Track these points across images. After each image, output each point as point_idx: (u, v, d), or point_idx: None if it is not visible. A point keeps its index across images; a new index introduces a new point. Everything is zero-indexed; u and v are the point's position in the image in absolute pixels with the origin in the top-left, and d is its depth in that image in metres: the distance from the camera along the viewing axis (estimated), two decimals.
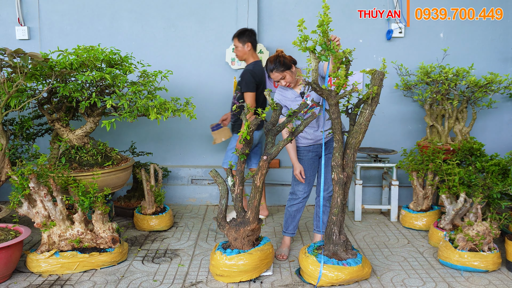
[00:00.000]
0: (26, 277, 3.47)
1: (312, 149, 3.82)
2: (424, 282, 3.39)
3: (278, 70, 3.53)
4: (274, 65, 3.54)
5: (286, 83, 3.61)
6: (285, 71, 3.54)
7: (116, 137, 5.62)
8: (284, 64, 3.52)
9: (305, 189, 3.88)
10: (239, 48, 4.69)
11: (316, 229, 4.01)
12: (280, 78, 3.58)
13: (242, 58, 4.77)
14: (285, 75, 3.56)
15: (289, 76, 3.57)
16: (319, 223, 3.96)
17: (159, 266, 3.70)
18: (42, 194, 3.44)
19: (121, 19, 5.52)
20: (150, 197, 4.61)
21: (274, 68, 3.53)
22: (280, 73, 3.54)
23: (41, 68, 3.61)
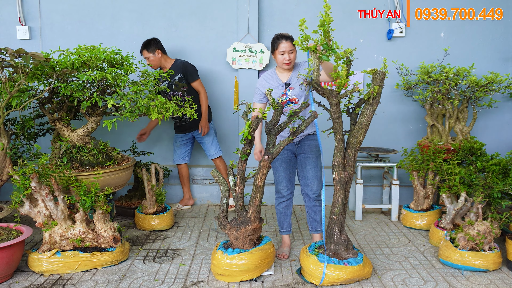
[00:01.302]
0: (27, 276, 3.47)
1: (287, 147, 3.86)
2: (425, 282, 3.40)
3: (291, 42, 3.58)
4: (288, 36, 3.61)
5: (290, 59, 3.64)
6: (294, 48, 3.61)
7: (117, 136, 5.62)
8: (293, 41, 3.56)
9: (287, 186, 3.91)
10: (151, 58, 4.93)
11: (312, 229, 3.99)
12: (289, 50, 3.62)
13: (158, 65, 5.03)
14: (294, 50, 3.63)
15: (295, 54, 3.64)
16: (313, 223, 3.95)
17: (160, 265, 3.71)
18: (43, 194, 3.45)
19: (122, 19, 5.53)
20: (151, 196, 4.61)
21: (289, 38, 3.60)
22: (292, 46, 3.59)
23: (42, 68, 3.61)
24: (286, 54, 3.62)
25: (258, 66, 5.41)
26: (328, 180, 5.54)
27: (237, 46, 5.39)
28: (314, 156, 3.83)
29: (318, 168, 3.85)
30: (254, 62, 5.39)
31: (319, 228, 3.94)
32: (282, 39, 3.62)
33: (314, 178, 3.83)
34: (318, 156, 3.86)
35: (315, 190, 3.84)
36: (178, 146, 5.32)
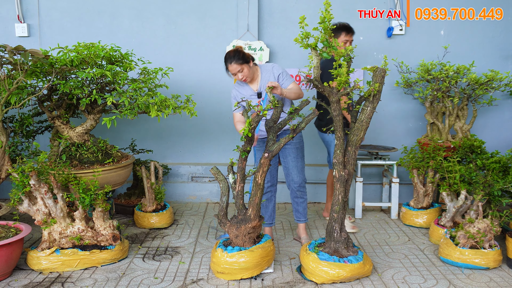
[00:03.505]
0: (26, 274, 3.46)
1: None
2: (425, 279, 3.39)
3: (237, 62, 3.57)
4: (233, 56, 3.58)
5: (243, 77, 3.64)
6: (244, 64, 3.58)
7: (116, 134, 5.61)
8: (243, 57, 3.57)
9: (267, 179, 3.96)
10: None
11: (295, 219, 4.19)
12: (238, 70, 3.62)
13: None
14: (243, 68, 3.60)
15: (247, 70, 3.61)
16: (296, 213, 4.16)
17: (159, 263, 3.70)
18: (42, 192, 3.43)
19: (121, 16, 5.51)
20: (151, 194, 4.60)
21: (234, 59, 3.58)
22: (239, 65, 3.58)
23: (41, 65, 3.60)
24: (238, 74, 3.66)
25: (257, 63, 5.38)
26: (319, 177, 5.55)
27: (237, 44, 5.37)
28: (294, 147, 3.89)
29: (299, 158, 3.92)
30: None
31: (302, 219, 4.15)
32: (228, 61, 3.64)
33: (294, 168, 3.92)
34: (299, 148, 3.91)
35: (296, 181, 3.96)
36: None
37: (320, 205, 5.48)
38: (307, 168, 5.26)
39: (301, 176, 3.97)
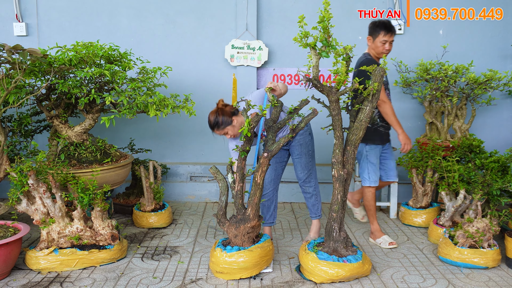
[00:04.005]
0: (25, 274, 3.45)
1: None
2: (424, 279, 3.39)
3: (219, 128, 3.56)
4: (214, 122, 3.55)
5: (231, 136, 3.63)
6: (226, 127, 3.55)
7: (115, 134, 5.60)
8: (224, 122, 3.51)
9: (271, 177, 4.00)
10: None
11: (310, 215, 4.20)
12: (223, 134, 3.62)
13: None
14: (227, 130, 3.57)
15: (231, 130, 3.57)
16: (309, 209, 4.18)
17: (158, 263, 3.69)
18: (41, 191, 3.42)
19: (119, 16, 5.50)
20: (149, 194, 4.59)
21: (215, 126, 3.56)
22: (222, 129, 3.56)
23: (39, 64, 3.59)
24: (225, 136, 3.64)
25: (256, 63, 5.39)
26: (325, 177, 5.54)
27: (236, 43, 5.37)
28: (298, 144, 3.90)
29: (302, 155, 3.92)
30: (253, 59, 5.37)
31: (312, 215, 4.17)
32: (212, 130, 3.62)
33: (298, 164, 3.98)
34: (303, 144, 3.90)
35: (300, 177, 4.02)
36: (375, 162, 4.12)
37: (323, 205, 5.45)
38: None
39: (305, 172, 3.96)
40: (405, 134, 3.92)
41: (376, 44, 3.91)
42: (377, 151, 4.09)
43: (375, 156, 4.08)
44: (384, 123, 4.02)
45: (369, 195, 4.16)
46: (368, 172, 4.08)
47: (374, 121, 3.96)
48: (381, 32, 3.88)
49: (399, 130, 3.90)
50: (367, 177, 4.09)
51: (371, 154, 4.06)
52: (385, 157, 4.19)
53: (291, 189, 5.59)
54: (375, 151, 4.07)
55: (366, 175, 4.09)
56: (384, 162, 4.21)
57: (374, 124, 3.98)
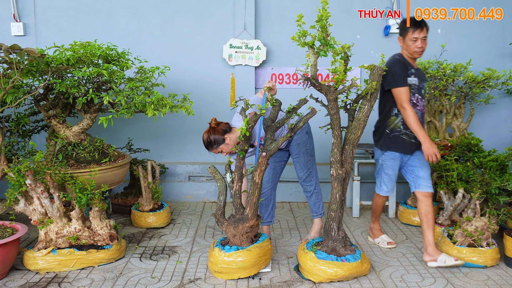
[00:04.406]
0: (23, 274, 3.44)
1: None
2: (423, 278, 3.39)
3: (212, 148, 3.59)
4: (207, 143, 3.58)
5: (226, 153, 3.65)
6: (220, 146, 3.57)
7: (113, 134, 5.59)
8: (216, 141, 3.54)
9: (269, 176, 4.02)
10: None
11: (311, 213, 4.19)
12: (218, 152, 3.64)
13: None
14: (221, 149, 3.60)
15: (225, 148, 3.59)
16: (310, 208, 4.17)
17: (157, 263, 3.68)
18: (39, 191, 3.41)
19: (117, 15, 5.49)
20: (148, 194, 4.58)
21: (209, 146, 3.59)
22: (215, 148, 3.59)
23: (37, 64, 3.58)
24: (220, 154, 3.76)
25: (254, 62, 5.38)
26: (324, 176, 5.54)
27: (234, 43, 5.36)
28: (295, 144, 3.92)
29: (300, 154, 3.93)
30: (251, 59, 5.37)
31: (313, 214, 4.15)
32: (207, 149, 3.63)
33: (297, 164, 3.99)
34: (300, 143, 3.91)
35: (300, 176, 4.03)
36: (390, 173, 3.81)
37: None
38: None
39: (304, 171, 3.97)
40: (429, 143, 3.45)
41: (406, 43, 3.60)
42: (396, 161, 3.71)
43: (391, 167, 3.74)
44: (408, 131, 3.63)
45: (378, 200, 4.03)
46: (381, 181, 3.84)
47: (395, 127, 3.63)
48: (410, 29, 3.57)
49: (422, 138, 3.47)
50: (379, 185, 3.89)
51: (387, 164, 3.74)
52: (413, 165, 3.70)
53: (289, 188, 5.58)
54: (392, 161, 3.71)
55: (379, 183, 3.88)
56: (412, 170, 3.71)
57: (394, 130, 3.64)
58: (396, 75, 3.50)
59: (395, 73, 3.50)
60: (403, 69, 3.52)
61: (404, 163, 3.75)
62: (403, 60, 3.59)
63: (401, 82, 3.49)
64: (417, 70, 3.66)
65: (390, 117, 3.65)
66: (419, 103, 3.64)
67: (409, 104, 3.49)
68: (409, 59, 3.64)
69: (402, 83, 3.49)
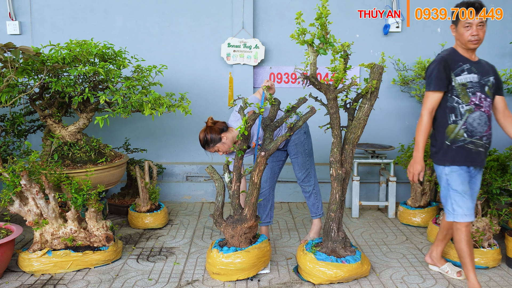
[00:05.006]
0: (18, 276, 3.39)
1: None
2: (424, 279, 3.35)
3: (209, 146, 3.59)
4: (204, 142, 3.58)
5: (223, 153, 3.65)
6: (216, 145, 3.58)
7: (110, 133, 5.53)
8: (213, 140, 3.55)
9: (267, 176, 3.99)
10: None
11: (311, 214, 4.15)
12: (214, 151, 3.64)
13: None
14: (217, 148, 3.60)
15: (222, 147, 3.60)
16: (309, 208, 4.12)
17: (154, 264, 3.63)
18: (34, 192, 3.36)
19: (114, 14, 5.44)
20: (145, 194, 4.53)
21: (206, 145, 3.60)
22: (212, 147, 3.59)
23: (32, 63, 3.52)
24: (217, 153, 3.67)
25: (253, 61, 5.33)
26: (323, 176, 5.50)
27: (232, 42, 5.31)
28: (293, 144, 3.89)
29: (298, 154, 3.91)
30: (249, 58, 5.32)
31: (312, 214, 4.11)
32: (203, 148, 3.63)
33: (295, 164, 3.96)
34: (298, 143, 3.88)
35: (299, 176, 3.99)
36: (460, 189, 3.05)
37: None
38: None
39: (303, 171, 3.95)
40: (414, 161, 3.13)
41: (459, 32, 3.11)
42: (463, 174, 3.04)
43: (460, 181, 3.03)
44: (474, 138, 3.01)
45: (460, 234, 3.03)
46: (452, 203, 3.03)
47: (457, 137, 3.02)
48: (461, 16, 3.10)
49: (414, 153, 3.13)
50: (450, 210, 3.05)
51: (454, 178, 3.04)
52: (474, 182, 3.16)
53: (288, 188, 5.54)
54: (459, 174, 3.03)
55: (450, 206, 3.05)
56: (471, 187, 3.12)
57: (457, 140, 3.03)
58: (430, 76, 3.05)
59: (429, 75, 3.05)
60: (442, 69, 3.00)
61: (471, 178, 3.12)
62: (447, 57, 3.05)
63: (432, 85, 3.01)
64: (477, 64, 3.06)
65: (448, 126, 3.03)
66: (482, 103, 3.02)
67: (429, 111, 3.05)
68: (463, 51, 3.10)
69: (433, 86, 3.01)
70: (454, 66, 3.02)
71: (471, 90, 3.00)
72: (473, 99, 2.99)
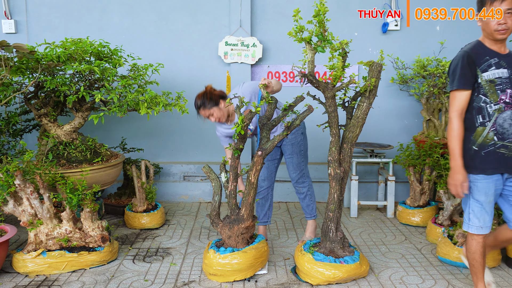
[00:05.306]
0: (12, 277, 3.35)
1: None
2: (423, 280, 3.31)
3: (205, 107, 3.53)
4: (201, 101, 3.52)
5: (215, 119, 3.59)
6: (213, 108, 3.52)
7: (107, 133, 5.49)
8: (211, 100, 3.50)
9: (264, 176, 3.94)
10: None
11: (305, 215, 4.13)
12: (208, 115, 3.57)
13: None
14: (213, 112, 3.54)
15: (217, 112, 3.55)
16: (303, 209, 4.11)
17: (150, 265, 3.59)
18: (28, 192, 3.32)
19: (111, 12, 5.39)
20: (141, 194, 4.49)
21: (201, 105, 3.53)
22: (208, 110, 3.53)
23: (27, 61, 3.48)
24: (210, 118, 3.59)
25: (250, 60, 5.29)
26: (321, 176, 5.46)
27: (229, 40, 5.27)
28: (289, 143, 3.85)
29: (294, 155, 3.88)
30: (247, 56, 5.28)
31: (306, 215, 4.09)
32: (197, 109, 3.58)
33: (290, 164, 3.93)
34: (295, 143, 3.85)
35: (293, 177, 3.96)
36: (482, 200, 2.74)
37: (318, 204, 5.38)
38: None
39: (297, 172, 3.92)
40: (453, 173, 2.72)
41: (486, 21, 2.82)
42: (490, 184, 2.69)
43: (484, 191, 2.71)
44: (507, 141, 2.64)
45: (473, 245, 2.81)
46: (470, 212, 2.77)
47: (487, 141, 2.66)
48: (487, 1, 2.86)
49: (451, 162, 2.74)
50: (467, 219, 2.81)
51: (478, 186, 2.71)
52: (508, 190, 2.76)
53: (286, 188, 5.49)
54: (486, 183, 2.70)
55: (466, 215, 2.81)
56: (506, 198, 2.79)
57: (486, 145, 2.66)
58: (453, 74, 2.71)
59: (452, 72, 2.72)
60: (466, 65, 2.65)
61: (504, 185, 2.75)
62: (472, 51, 2.70)
63: (456, 83, 2.67)
64: (507, 57, 2.71)
65: (475, 129, 2.69)
66: None
67: (457, 113, 2.67)
68: (491, 43, 2.75)
69: (457, 84, 2.66)
70: (480, 61, 2.66)
71: (500, 87, 2.63)
72: (503, 97, 2.63)
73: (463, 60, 2.66)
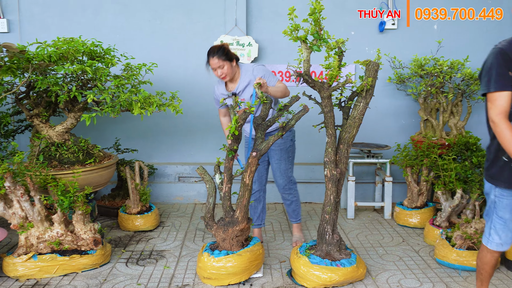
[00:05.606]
0: (2, 282, 3.28)
1: None
2: (421, 283, 3.25)
3: (220, 57, 3.48)
4: (217, 51, 3.48)
5: (222, 74, 3.55)
6: (226, 61, 3.50)
7: (100, 133, 5.42)
8: (227, 54, 3.49)
9: (255, 178, 3.87)
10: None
11: (289, 218, 4.13)
12: (218, 66, 3.51)
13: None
14: (224, 65, 3.51)
15: (228, 67, 3.52)
16: (288, 214, 4.11)
17: (143, 268, 3.53)
18: (18, 194, 3.25)
19: (105, 11, 5.32)
20: (135, 195, 4.42)
21: (216, 54, 3.48)
22: (221, 61, 3.49)
23: (18, 61, 3.41)
24: (218, 70, 3.54)
25: (246, 59, 5.23)
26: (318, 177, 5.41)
27: (225, 39, 5.20)
28: (278, 148, 3.80)
29: (282, 160, 3.83)
30: (242, 56, 5.21)
31: (292, 219, 4.08)
32: (210, 55, 3.54)
33: (277, 170, 3.87)
34: (283, 149, 3.81)
35: (280, 183, 3.91)
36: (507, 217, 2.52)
37: (311, 205, 5.33)
38: (298, 167, 5.09)
39: (284, 179, 3.88)
40: None
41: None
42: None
43: (509, 207, 2.49)
44: None
45: (487, 257, 2.67)
46: (491, 228, 2.58)
47: None
48: None
49: None
50: (487, 234, 2.62)
51: (503, 203, 2.49)
52: None
53: None
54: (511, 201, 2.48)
55: (487, 230, 2.61)
56: None
57: None
58: (488, 74, 2.36)
59: (487, 72, 2.37)
60: (503, 63, 2.31)
61: None
62: (508, 48, 2.34)
63: (492, 84, 2.31)
64: None
65: None
66: None
67: (502, 115, 2.30)
68: None
69: (494, 86, 2.31)
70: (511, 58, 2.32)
71: None
72: None
73: (498, 58, 2.32)
